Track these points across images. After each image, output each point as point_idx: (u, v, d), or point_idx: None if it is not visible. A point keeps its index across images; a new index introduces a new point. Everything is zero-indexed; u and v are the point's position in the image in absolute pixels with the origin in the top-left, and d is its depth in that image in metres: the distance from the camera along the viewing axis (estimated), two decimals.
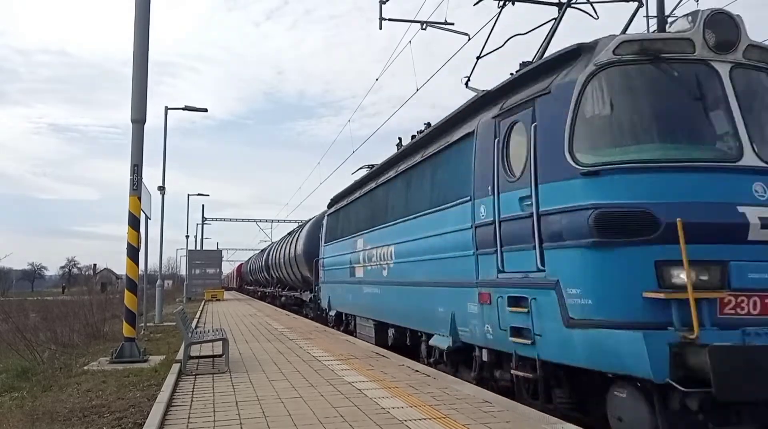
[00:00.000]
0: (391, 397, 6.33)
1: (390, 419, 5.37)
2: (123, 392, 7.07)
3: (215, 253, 47.52)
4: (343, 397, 6.41)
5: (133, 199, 10.24)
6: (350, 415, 5.57)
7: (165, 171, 20.99)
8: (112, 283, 53.25)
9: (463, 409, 5.72)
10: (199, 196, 39.84)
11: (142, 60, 10.43)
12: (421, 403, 6.02)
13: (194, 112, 23.34)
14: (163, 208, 20.36)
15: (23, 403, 6.65)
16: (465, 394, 6.42)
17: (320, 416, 5.53)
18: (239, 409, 5.94)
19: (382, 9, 12.32)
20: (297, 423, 5.30)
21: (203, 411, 5.89)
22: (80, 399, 6.75)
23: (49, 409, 6.20)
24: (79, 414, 5.97)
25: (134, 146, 10.34)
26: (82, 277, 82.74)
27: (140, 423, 5.42)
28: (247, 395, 6.65)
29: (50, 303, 19.10)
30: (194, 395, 6.72)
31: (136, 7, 10.47)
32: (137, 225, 10.33)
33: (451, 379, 7.47)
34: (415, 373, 7.96)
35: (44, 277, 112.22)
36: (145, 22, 10.51)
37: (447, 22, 11.97)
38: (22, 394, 7.30)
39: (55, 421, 5.72)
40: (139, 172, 10.29)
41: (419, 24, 12.12)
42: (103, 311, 15.87)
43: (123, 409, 6.12)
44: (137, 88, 10.38)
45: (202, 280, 40.54)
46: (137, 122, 10.43)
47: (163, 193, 20.01)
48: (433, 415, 5.49)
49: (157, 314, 19.97)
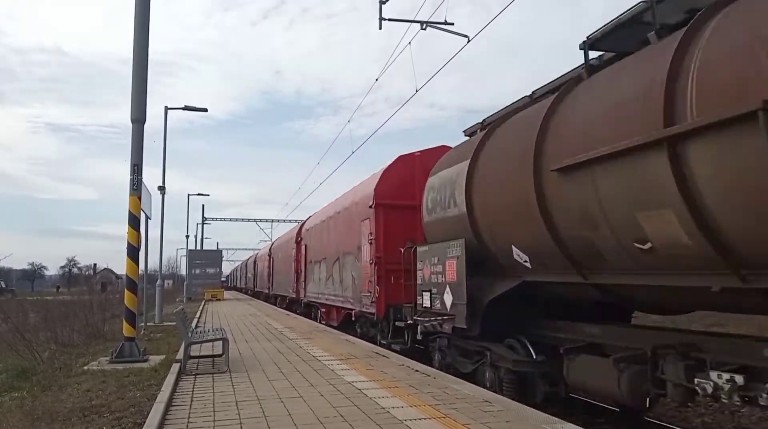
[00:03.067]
0: (390, 397, 6.33)
1: (390, 419, 5.38)
2: (123, 392, 7.07)
3: (215, 252, 47.52)
4: (343, 397, 6.41)
5: (133, 199, 10.25)
6: (350, 414, 5.57)
7: (165, 171, 21.01)
8: (112, 283, 53.19)
9: (462, 408, 5.72)
10: (199, 196, 39.94)
11: (141, 60, 10.43)
12: (421, 402, 6.03)
13: (193, 111, 23.28)
14: (163, 208, 20.39)
15: (23, 403, 6.65)
16: (465, 394, 6.43)
17: (320, 416, 5.53)
18: (239, 408, 5.95)
19: (381, 9, 12.34)
20: (297, 423, 5.30)
21: (203, 411, 5.88)
22: (80, 399, 6.75)
23: (49, 408, 6.21)
24: (79, 414, 5.98)
25: (134, 146, 10.34)
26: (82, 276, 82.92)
27: (140, 423, 5.42)
28: (247, 395, 6.65)
29: (50, 303, 19.10)
30: (194, 395, 6.72)
31: (136, 7, 10.48)
32: (137, 225, 10.34)
33: (451, 379, 7.47)
34: (415, 372, 7.97)
35: (44, 277, 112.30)
36: (144, 23, 10.52)
37: (447, 22, 11.99)
38: (22, 394, 7.30)
39: (55, 421, 5.72)
40: (139, 171, 10.30)
41: (419, 24, 12.14)
42: (103, 311, 15.90)
43: (123, 409, 6.12)
44: (137, 88, 10.38)
45: (202, 280, 40.54)
46: (137, 122, 10.43)
47: (163, 193, 20.02)
48: (432, 414, 5.50)
49: (157, 314, 19.97)
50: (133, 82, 10.40)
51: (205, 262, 42.06)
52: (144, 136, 10.51)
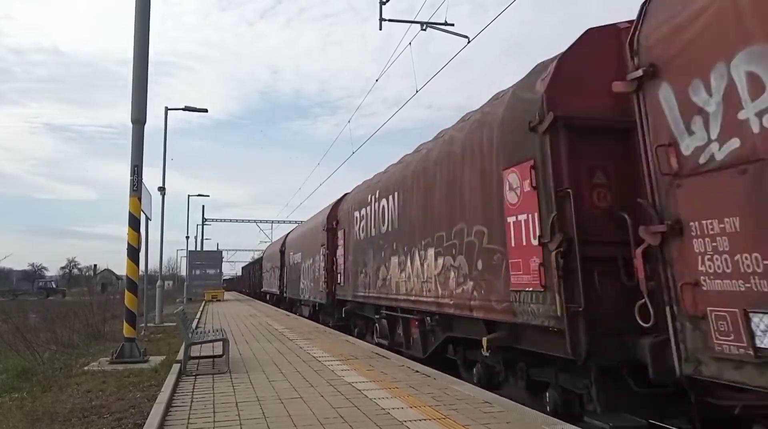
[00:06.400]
0: (391, 398, 6.33)
1: (390, 420, 5.37)
2: (123, 393, 7.07)
3: (215, 253, 47.49)
4: (343, 398, 6.41)
5: (134, 200, 10.25)
6: (350, 415, 5.57)
7: (165, 171, 21.02)
8: (112, 284, 53.19)
9: (462, 409, 5.72)
10: (199, 196, 39.92)
11: (142, 61, 10.43)
12: (421, 403, 6.03)
13: (192, 112, 23.26)
14: (163, 209, 20.38)
15: (23, 404, 6.64)
16: (465, 395, 6.42)
17: (320, 417, 5.53)
18: (239, 409, 5.95)
19: (382, 9, 12.36)
20: (297, 423, 5.30)
21: (203, 411, 5.89)
22: (80, 399, 6.75)
23: (49, 409, 6.21)
24: (79, 414, 5.97)
25: (134, 147, 10.34)
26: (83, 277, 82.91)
27: (140, 423, 5.42)
28: (248, 396, 6.65)
29: (49, 303, 19.11)
30: (194, 396, 6.72)
31: (136, 8, 10.48)
32: (137, 226, 10.33)
33: (451, 380, 7.47)
34: (415, 373, 7.96)
35: (45, 278, 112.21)
36: (144, 23, 10.52)
37: (447, 23, 12.01)
38: (22, 395, 7.29)
39: (55, 422, 5.72)
40: (139, 172, 10.30)
41: (419, 25, 12.16)
42: (104, 311, 15.88)
43: (123, 410, 6.12)
44: (137, 89, 10.39)
45: (202, 280, 40.53)
46: (137, 123, 10.43)
47: (163, 194, 20.03)
48: (432, 415, 5.49)
49: (157, 315, 19.98)
50: (133, 83, 10.41)
51: (205, 262, 42.04)
52: (144, 136, 10.52)
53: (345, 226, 15.26)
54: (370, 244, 12.28)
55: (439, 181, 8.43)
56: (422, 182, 9.18)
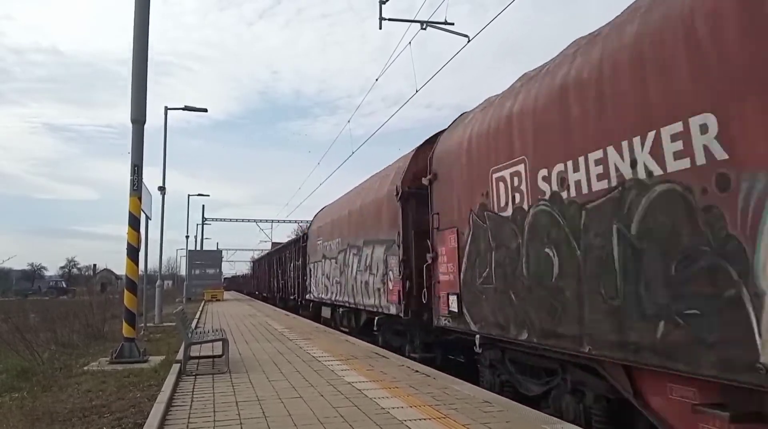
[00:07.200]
0: (390, 398, 6.34)
1: (390, 419, 5.38)
2: (123, 392, 7.08)
3: (215, 253, 47.53)
4: (343, 398, 6.41)
5: (134, 200, 10.25)
6: (350, 415, 5.57)
7: (165, 171, 21.01)
8: (111, 284, 53.25)
9: (462, 409, 5.73)
10: (199, 196, 39.92)
11: (141, 61, 10.43)
12: (421, 403, 6.03)
13: (191, 111, 23.26)
14: (163, 209, 20.39)
15: (23, 404, 6.65)
16: (465, 395, 6.43)
17: (320, 416, 5.53)
18: (239, 409, 5.95)
19: (381, 9, 12.35)
20: (297, 423, 5.30)
21: (203, 411, 5.89)
22: (80, 399, 6.76)
23: (49, 409, 6.21)
24: (79, 414, 5.98)
25: (134, 147, 10.35)
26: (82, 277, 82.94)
27: (140, 423, 5.42)
28: (247, 395, 6.66)
29: (49, 303, 19.11)
30: (194, 395, 6.72)
31: (136, 8, 10.48)
32: (137, 225, 10.34)
33: (451, 379, 7.47)
34: (415, 373, 7.97)
35: (44, 278, 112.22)
36: (144, 24, 10.52)
37: (447, 22, 12.00)
38: (22, 395, 7.29)
39: (55, 422, 5.72)
40: (140, 172, 10.30)
41: (419, 24, 12.14)
42: (103, 311, 15.88)
43: (123, 410, 6.12)
44: (137, 89, 10.39)
45: (202, 280, 40.56)
46: (137, 122, 10.43)
47: (164, 194, 20.02)
48: (432, 415, 5.50)
49: (156, 314, 19.98)
50: (132, 83, 10.41)
51: (205, 262, 42.07)
52: (144, 136, 10.52)
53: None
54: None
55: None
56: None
